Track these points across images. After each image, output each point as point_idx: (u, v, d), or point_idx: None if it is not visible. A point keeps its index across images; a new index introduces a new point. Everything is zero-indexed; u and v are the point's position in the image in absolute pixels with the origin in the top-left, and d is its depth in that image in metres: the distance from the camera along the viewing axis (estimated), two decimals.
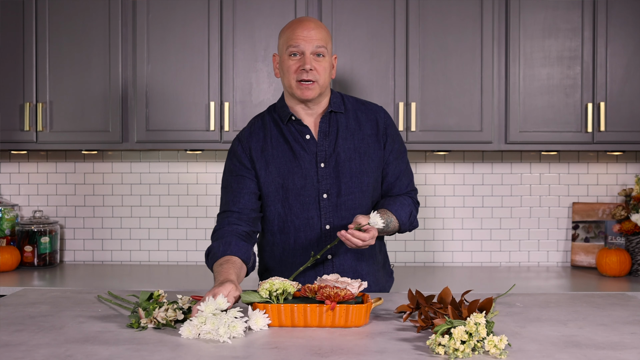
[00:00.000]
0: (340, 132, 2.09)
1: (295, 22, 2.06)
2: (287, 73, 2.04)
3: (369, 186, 2.09)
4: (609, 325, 1.68)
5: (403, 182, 2.15)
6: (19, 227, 3.21)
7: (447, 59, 2.97)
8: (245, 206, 2.06)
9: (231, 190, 2.08)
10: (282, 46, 2.06)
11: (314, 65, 2.01)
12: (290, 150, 2.07)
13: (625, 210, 3.08)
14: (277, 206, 2.08)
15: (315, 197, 2.06)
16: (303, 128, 2.08)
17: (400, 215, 2.07)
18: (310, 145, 2.07)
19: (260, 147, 2.09)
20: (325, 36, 2.04)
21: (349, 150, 2.07)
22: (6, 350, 1.44)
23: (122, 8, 2.99)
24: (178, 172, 3.35)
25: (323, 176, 2.06)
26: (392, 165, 2.13)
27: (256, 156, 2.08)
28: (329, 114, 2.10)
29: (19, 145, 3.02)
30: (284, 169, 2.07)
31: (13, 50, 3.00)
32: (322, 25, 2.07)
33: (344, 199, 2.06)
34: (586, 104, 2.96)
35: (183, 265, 3.33)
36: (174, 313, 1.65)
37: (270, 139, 2.10)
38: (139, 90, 2.98)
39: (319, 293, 1.65)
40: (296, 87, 2.03)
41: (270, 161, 2.08)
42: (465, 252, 3.33)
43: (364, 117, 2.12)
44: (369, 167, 2.08)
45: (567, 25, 2.97)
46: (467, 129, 2.96)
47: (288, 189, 2.06)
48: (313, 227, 2.07)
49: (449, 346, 1.39)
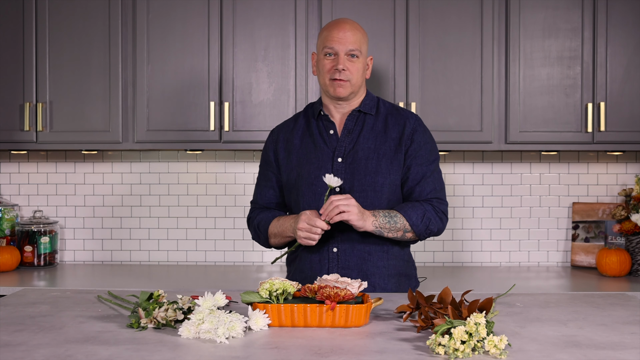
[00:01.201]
0: (364, 131, 2.17)
1: (333, 23, 2.16)
2: (322, 71, 2.16)
3: (384, 187, 2.12)
4: (609, 325, 1.68)
5: (424, 188, 2.14)
6: (19, 227, 3.21)
7: (447, 59, 2.97)
8: (270, 200, 2.27)
9: (259, 184, 2.31)
10: (319, 46, 2.17)
11: (347, 66, 2.11)
12: (312, 142, 2.19)
13: (625, 210, 3.08)
14: (293, 194, 2.19)
15: (327, 189, 2.11)
16: (329, 124, 2.19)
17: (410, 215, 2.07)
18: (332, 140, 2.18)
19: (286, 137, 2.24)
20: (360, 38, 2.13)
21: (369, 149, 2.13)
22: (6, 350, 1.44)
23: (122, 8, 2.99)
24: (178, 172, 3.35)
25: (338, 170, 2.13)
26: (414, 169, 2.14)
27: (281, 146, 2.23)
28: (357, 113, 2.20)
29: (19, 145, 3.02)
30: (303, 159, 2.18)
31: (13, 50, 3.00)
32: (359, 28, 2.16)
33: (356, 196, 2.10)
34: (586, 104, 2.96)
35: (183, 265, 3.33)
36: (174, 313, 1.65)
37: (297, 130, 2.23)
38: (139, 90, 2.98)
39: (319, 293, 1.65)
40: (329, 85, 2.14)
41: (293, 151, 2.21)
42: (466, 252, 3.33)
43: (393, 122, 2.18)
44: (385, 169, 2.12)
45: (567, 25, 2.97)
46: (467, 129, 2.96)
47: (303, 178, 2.16)
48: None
49: (449, 346, 1.39)
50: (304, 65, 2.97)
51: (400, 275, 2.20)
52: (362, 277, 2.12)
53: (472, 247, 3.32)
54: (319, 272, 2.12)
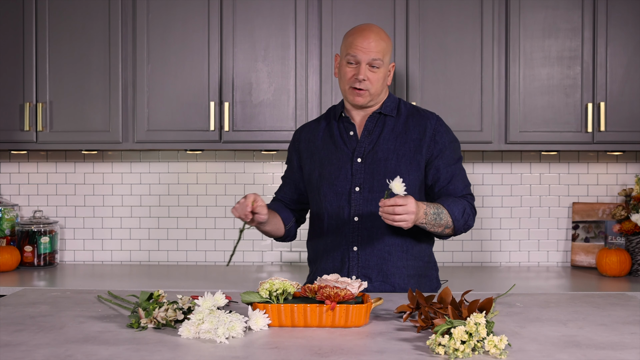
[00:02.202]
0: (384, 132, 2.19)
1: (358, 30, 2.15)
2: (343, 78, 2.17)
3: None
4: (609, 325, 1.68)
5: (457, 186, 2.16)
6: (19, 227, 3.21)
7: (447, 59, 2.97)
8: (285, 196, 2.35)
9: (283, 179, 2.38)
10: (343, 51, 2.17)
11: (368, 75, 2.12)
12: (332, 143, 2.23)
13: (625, 210, 3.08)
14: (315, 193, 2.23)
15: (347, 189, 2.15)
16: (350, 125, 2.22)
17: (453, 210, 2.08)
18: (352, 141, 2.21)
19: (308, 137, 2.29)
20: (383, 48, 2.13)
21: (388, 150, 2.15)
22: (6, 350, 1.44)
23: (122, 8, 2.99)
24: (178, 172, 3.35)
25: (357, 170, 2.16)
26: (444, 170, 2.16)
27: (303, 146, 2.29)
28: (377, 115, 2.21)
29: (19, 145, 3.02)
30: (324, 159, 2.22)
31: (13, 50, 3.00)
32: (383, 36, 2.15)
33: (376, 196, 2.13)
34: (586, 104, 2.96)
35: (183, 265, 3.33)
36: (174, 313, 1.65)
37: (319, 131, 2.28)
38: (139, 90, 2.98)
39: (319, 293, 1.65)
40: (349, 93, 2.16)
41: (315, 151, 2.26)
42: (465, 252, 3.33)
43: (414, 123, 2.20)
44: (405, 169, 2.14)
45: (567, 25, 2.97)
46: (467, 129, 2.96)
47: (324, 177, 2.19)
48: (342, 217, 2.16)
49: (449, 346, 1.39)
50: (304, 65, 2.97)
51: (420, 276, 2.20)
52: (382, 277, 2.14)
53: (471, 247, 3.32)
54: (340, 272, 2.15)
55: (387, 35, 2.18)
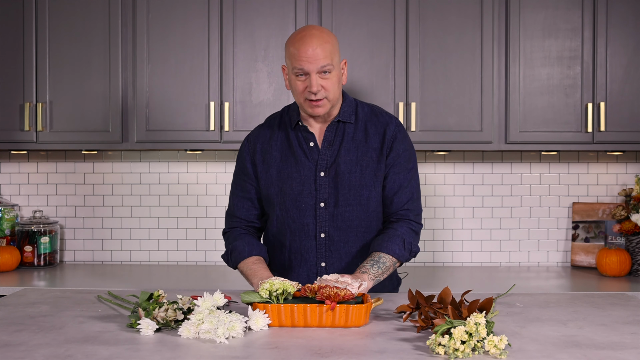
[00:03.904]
0: (344, 142, 2.07)
1: (298, 38, 1.97)
2: (295, 91, 2.01)
3: (369, 200, 2.06)
4: (609, 325, 1.68)
5: (402, 198, 2.07)
6: (19, 227, 3.21)
7: (447, 59, 2.97)
8: (248, 213, 2.15)
9: (234, 194, 2.17)
10: (288, 64, 2.01)
11: (321, 83, 1.97)
12: (292, 156, 2.08)
13: (625, 210, 3.08)
14: (275, 209, 2.10)
15: (312, 205, 2.05)
16: (308, 135, 2.08)
17: (393, 250, 1.99)
18: (313, 152, 2.07)
19: (264, 148, 2.12)
20: (330, 50, 1.96)
21: (350, 162, 2.05)
22: (6, 350, 1.44)
23: (122, 8, 2.99)
24: (178, 172, 3.35)
25: (321, 185, 2.05)
26: (391, 178, 2.06)
27: (259, 158, 2.11)
28: (336, 123, 2.08)
29: (19, 145, 3.02)
30: (284, 173, 2.08)
31: (13, 50, 3.00)
32: (327, 38, 1.98)
33: (341, 210, 2.05)
34: (586, 104, 2.96)
35: (183, 265, 3.33)
36: (173, 313, 1.65)
37: (275, 142, 2.11)
38: (139, 90, 2.98)
39: (319, 293, 1.66)
40: (306, 105, 2.01)
41: (272, 164, 2.09)
42: (465, 252, 3.33)
43: (373, 129, 2.08)
44: (369, 181, 2.05)
45: (567, 25, 2.97)
46: (467, 129, 2.96)
47: (286, 194, 2.07)
48: (308, 234, 2.07)
49: (449, 346, 1.39)
50: None
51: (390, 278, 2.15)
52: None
53: (472, 247, 3.32)
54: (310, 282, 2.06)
55: (329, 34, 2.00)
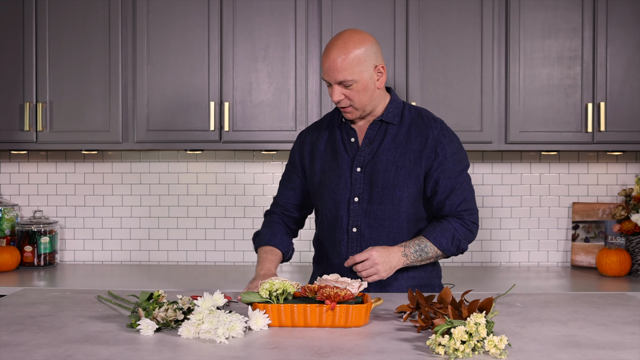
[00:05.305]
0: (385, 142, 2.10)
1: (326, 48, 2.02)
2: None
3: (402, 200, 2.07)
4: (609, 325, 1.68)
5: (454, 201, 2.08)
6: (19, 227, 3.21)
7: (447, 59, 2.97)
8: (288, 201, 2.28)
9: (282, 183, 2.31)
10: None
11: (344, 92, 2.02)
12: (334, 150, 2.16)
13: (625, 210, 3.08)
14: (316, 199, 2.20)
15: (346, 198, 2.10)
16: (351, 131, 2.15)
17: (440, 241, 2.04)
18: (352, 148, 2.14)
19: (313, 141, 2.23)
20: (351, 63, 1.97)
21: (387, 161, 2.08)
22: (6, 350, 1.44)
23: (122, 8, 2.99)
24: (178, 172, 3.35)
25: (357, 180, 2.10)
26: (442, 182, 2.08)
27: (307, 150, 2.23)
28: (379, 122, 2.12)
29: (19, 145, 3.02)
30: (326, 165, 2.17)
31: (13, 50, 3.00)
32: (350, 49, 1.97)
33: (375, 208, 2.08)
34: (586, 104, 2.96)
35: (183, 265, 3.33)
36: (173, 313, 1.65)
37: (323, 136, 2.21)
38: (139, 90, 2.98)
39: (319, 293, 1.65)
40: (340, 110, 2.12)
41: (317, 156, 2.20)
42: (466, 252, 3.32)
43: (415, 132, 2.10)
44: (403, 182, 2.07)
45: (567, 25, 2.97)
46: (467, 129, 2.96)
47: (325, 185, 2.15)
48: (341, 227, 2.11)
49: (449, 346, 1.39)
50: (304, 65, 2.97)
51: (422, 286, 2.14)
52: (379, 288, 2.09)
53: (471, 247, 3.32)
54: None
55: (358, 43, 1.98)
